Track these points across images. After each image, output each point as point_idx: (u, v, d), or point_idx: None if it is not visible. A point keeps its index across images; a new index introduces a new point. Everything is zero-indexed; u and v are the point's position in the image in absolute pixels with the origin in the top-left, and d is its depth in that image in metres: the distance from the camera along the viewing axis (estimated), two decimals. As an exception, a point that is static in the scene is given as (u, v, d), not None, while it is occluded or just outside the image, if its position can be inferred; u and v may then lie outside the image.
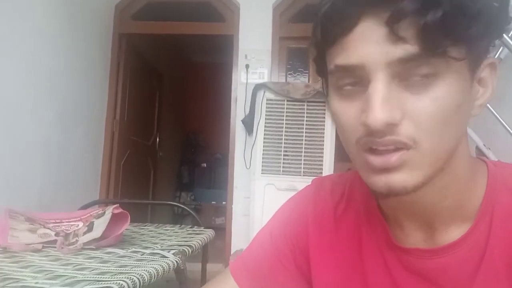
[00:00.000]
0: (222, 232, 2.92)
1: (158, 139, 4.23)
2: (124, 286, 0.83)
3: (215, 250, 2.87)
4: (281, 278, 0.55)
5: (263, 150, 2.48)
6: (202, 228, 2.22)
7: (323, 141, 2.42)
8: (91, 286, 0.80)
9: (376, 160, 0.38)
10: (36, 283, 0.85)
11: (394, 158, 0.37)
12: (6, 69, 1.92)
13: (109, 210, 1.42)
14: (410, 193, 0.38)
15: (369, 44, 0.36)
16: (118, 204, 1.48)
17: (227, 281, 0.56)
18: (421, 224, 0.45)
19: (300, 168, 2.43)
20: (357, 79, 0.38)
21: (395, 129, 0.36)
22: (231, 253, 2.82)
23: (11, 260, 1.14)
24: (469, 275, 0.42)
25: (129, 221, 1.44)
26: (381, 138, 0.36)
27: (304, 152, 2.44)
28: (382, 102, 0.35)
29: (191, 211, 2.52)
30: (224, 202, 4.64)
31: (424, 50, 0.34)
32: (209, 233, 2.05)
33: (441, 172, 0.40)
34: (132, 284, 0.86)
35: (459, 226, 0.43)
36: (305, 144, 2.44)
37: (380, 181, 0.38)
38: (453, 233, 0.43)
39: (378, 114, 0.35)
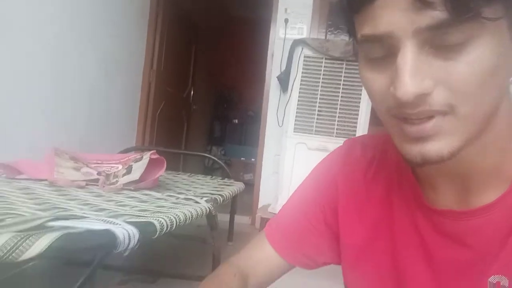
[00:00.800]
0: (249, 188, 3.00)
1: (192, 92, 4.27)
2: (163, 223, 0.88)
3: (242, 204, 2.96)
4: (312, 238, 0.56)
5: (297, 108, 2.46)
6: (232, 181, 2.29)
7: (359, 102, 2.37)
8: (133, 220, 0.85)
9: (410, 129, 0.36)
10: (84, 213, 0.92)
11: (429, 126, 0.35)
12: (53, 23, 1.99)
13: (147, 155, 1.48)
14: (446, 161, 0.37)
15: (395, 12, 0.33)
16: (155, 150, 1.54)
17: (264, 245, 0.58)
18: (456, 186, 0.44)
19: (333, 128, 2.41)
20: (386, 48, 0.36)
21: (428, 99, 0.34)
22: (258, 207, 2.90)
23: (58, 193, 1.23)
24: (501, 238, 0.41)
25: (165, 166, 1.50)
26: (414, 110, 0.35)
27: (339, 112, 2.40)
28: (411, 73, 0.33)
29: (222, 164, 2.59)
30: (253, 159, 4.71)
31: (455, 15, 0.31)
32: (239, 185, 2.11)
33: (481, 133, 0.38)
34: (170, 222, 0.92)
35: (495, 188, 0.42)
36: (340, 104, 2.40)
37: (414, 151, 0.37)
38: (488, 196, 0.42)
39: (408, 86, 0.33)
